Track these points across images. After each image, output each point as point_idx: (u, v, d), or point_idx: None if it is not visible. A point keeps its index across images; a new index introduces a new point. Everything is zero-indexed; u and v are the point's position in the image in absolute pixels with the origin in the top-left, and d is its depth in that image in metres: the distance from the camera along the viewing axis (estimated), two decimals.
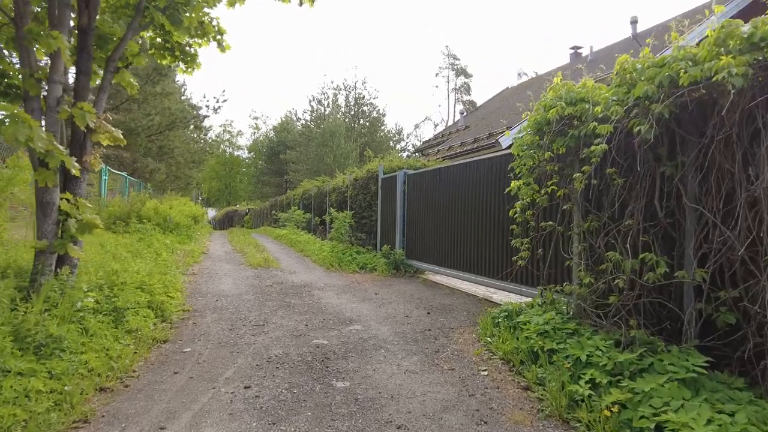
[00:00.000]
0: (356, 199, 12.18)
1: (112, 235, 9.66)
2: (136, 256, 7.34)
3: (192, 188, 30.46)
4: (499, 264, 6.39)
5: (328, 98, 37.08)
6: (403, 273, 9.12)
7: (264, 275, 8.79)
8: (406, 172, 9.60)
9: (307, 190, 19.20)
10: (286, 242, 15.44)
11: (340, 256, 10.23)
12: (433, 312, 6.03)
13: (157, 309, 5.22)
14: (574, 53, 22.64)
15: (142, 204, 12.16)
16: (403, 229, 9.57)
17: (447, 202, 7.92)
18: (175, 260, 8.84)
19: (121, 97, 10.15)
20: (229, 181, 63.11)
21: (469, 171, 7.26)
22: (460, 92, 61.20)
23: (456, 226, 7.60)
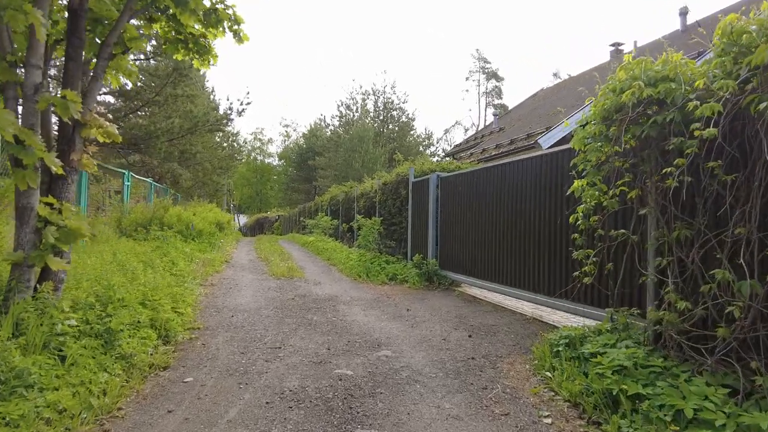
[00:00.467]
0: (385, 205, 11.47)
1: (131, 242, 9.27)
2: (148, 267, 6.82)
3: (221, 194, 30.49)
4: (552, 279, 5.51)
5: (356, 103, 36.71)
6: (436, 285, 8.31)
7: (287, 287, 8.15)
8: (439, 175, 8.82)
9: (335, 196, 18.65)
10: (313, 250, 14.87)
11: (368, 265, 9.52)
12: (476, 334, 5.21)
13: (160, 328, 4.61)
14: (615, 50, 21.37)
15: (165, 210, 11.81)
16: (436, 237, 8.78)
17: (487, 208, 7.09)
18: (193, 270, 8.32)
19: (141, 99, 9.83)
20: (260, 188, 63.92)
21: (512, 172, 6.42)
22: (491, 96, 60.00)
23: (498, 235, 6.76)
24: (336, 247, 13.34)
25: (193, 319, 5.54)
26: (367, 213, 12.88)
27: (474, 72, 59.15)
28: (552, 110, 16.56)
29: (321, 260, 12.43)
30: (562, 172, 5.20)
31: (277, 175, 61.20)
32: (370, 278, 8.93)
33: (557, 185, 5.31)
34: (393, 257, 10.13)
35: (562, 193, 5.20)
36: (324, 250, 13.40)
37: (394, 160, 14.40)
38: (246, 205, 66.57)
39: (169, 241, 9.76)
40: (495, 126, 21.46)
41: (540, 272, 5.74)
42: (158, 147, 9.15)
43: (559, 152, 5.30)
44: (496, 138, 18.39)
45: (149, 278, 5.95)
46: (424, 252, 8.97)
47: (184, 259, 8.95)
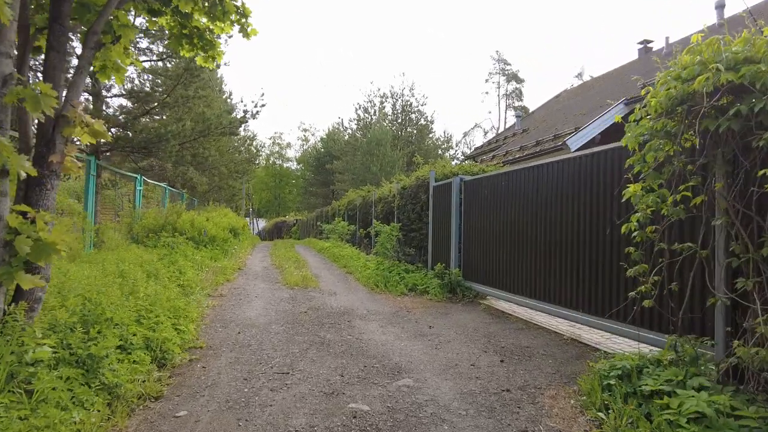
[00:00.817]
0: (404, 210, 10.92)
1: (141, 250, 8.93)
2: (151, 277, 6.41)
3: (238, 199, 30.38)
4: (594, 295, 4.88)
5: (374, 106, 36.29)
6: (460, 297, 7.71)
7: (300, 297, 7.67)
8: (462, 178, 8.23)
9: (352, 201, 18.19)
10: (329, 256, 14.40)
11: (386, 274, 8.98)
12: (508, 358, 4.61)
13: (156, 350, 4.15)
14: (644, 48, 20.45)
15: (178, 216, 11.49)
16: (459, 245, 8.18)
17: (518, 214, 6.49)
18: (202, 280, 7.91)
19: (152, 100, 9.52)
20: (279, 192, 64.14)
21: (549, 174, 5.80)
22: (512, 98, 58.99)
23: (530, 244, 6.14)
24: (353, 254, 12.84)
25: (196, 336, 5.07)
26: (385, 218, 12.36)
27: (494, 74, 58.24)
28: (579, 110, 15.80)
29: (337, 268, 11.94)
30: (611, 175, 4.58)
31: (296, 179, 61.31)
32: (388, 289, 8.39)
33: (604, 189, 4.69)
34: (412, 266, 9.57)
35: (609, 199, 4.58)
36: (340, 257, 12.92)
37: (414, 163, 13.84)
38: (265, 209, 66.93)
39: (180, 248, 9.39)
40: (518, 127, 20.72)
41: (580, 287, 5.11)
42: (168, 150, 8.82)
43: (607, 151, 4.67)
44: (520, 140, 17.67)
45: (151, 290, 5.52)
46: (446, 261, 8.39)
47: (193, 267, 8.56)
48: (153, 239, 9.91)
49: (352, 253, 13.04)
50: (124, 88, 9.69)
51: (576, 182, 5.20)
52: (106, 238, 8.94)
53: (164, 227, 11.01)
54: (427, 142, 35.55)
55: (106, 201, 12.73)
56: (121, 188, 14.48)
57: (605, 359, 3.87)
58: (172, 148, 8.94)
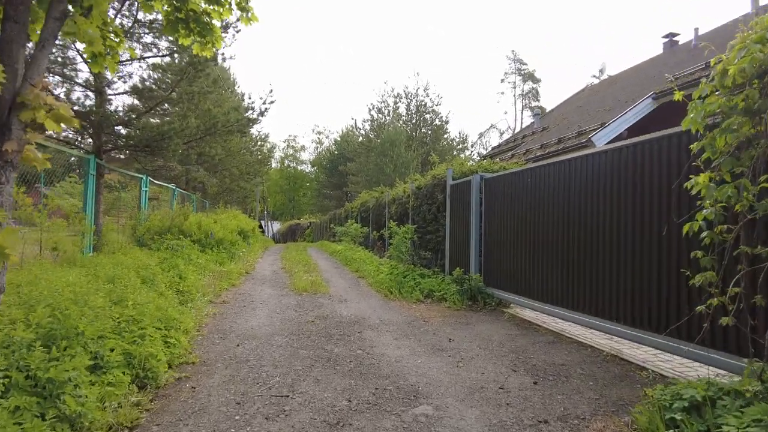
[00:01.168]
0: (419, 211, 10.33)
1: (143, 252, 8.52)
2: (147, 283, 5.95)
3: (251, 201, 30.10)
4: (639, 305, 4.23)
5: (388, 106, 35.76)
6: (481, 305, 7.09)
7: (308, 304, 7.13)
8: (483, 176, 7.62)
9: (365, 202, 17.66)
10: (341, 260, 13.87)
11: (400, 279, 8.39)
12: (542, 379, 3.99)
13: (139, 367, 3.64)
14: (669, 42, 19.51)
15: (185, 218, 11.08)
16: (479, 248, 7.57)
17: (545, 213, 5.85)
18: (205, 285, 7.43)
19: (156, 97, 9.12)
20: (293, 195, 64.16)
21: (585, 168, 5.17)
22: (528, 98, 58.02)
23: (560, 247, 5.51)
24: (365, 258, 12.29)
25: (189, 350, 4.56)
26: (400, 220, 11.78)
27: (509, 74, 57.37)
28: (603, 106, 15.04)
29: (349, 272, 11.39)
30: (666, 166, 3.93)
31: (310, 182, 61.25)
32: (402, 295, 7.80)
33: (658, 183, 4.04)
34: (428, 270, 8.97)
35: (662, 194, 3.94)
36: (352, 260, 12.37)
37: (429, 162, 13.26)
38: (279, 211, 67.03)
39: (184, 251, 8.95)
40: (537, 126, 19.97)
41: (621, 297, 4.47)
42: (172, 149, 8.40)
43: (659, 138, 4.02)
44: (540, 138, 16.95)
45: (142, 298, 5.04)
46: (465, 265, 7.77)
47: (197, 271, 8.09)
48: (158, 242, 9.50)
49: (365, 257, 12.49)
50: (128, 84, 9.28)
51: (617, 176, 4.56)
52: (107, 241, 8.55)
53: (170, 229, 10.62)
54: (442, 143, 34.87)
55: (112, 202, 12.43)
56: (131, 190, 14.20)
57: (662, 384, 3.24)
58: (175, 146, 8.52)
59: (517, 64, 57.11)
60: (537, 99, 57.89)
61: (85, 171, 7.96)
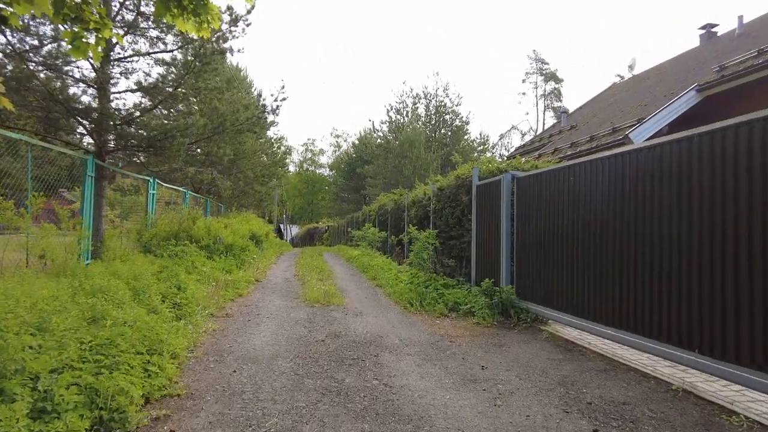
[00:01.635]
0: (441, 214, 9.55)
1: (147, 259, 7.96)
2: (139, 295, 5.32)
3: (267, 204, 29.69)
4: (741, 335, 3.38)
5: (407, 107, 34.96)
6: (514, 321, 6.26)
7: (319, 319, 6.41)
8: (515, 175, 6.81)
9: (383, 205, 16.93)
10: (357, 266, 13.14)
11: (421, 290, 7.62)
12: (603, 425, 3.16)
13: (103, 408, 2.96)
14: (707, 33, 18.31)
15: (193, 222, 10.53)
16: (511, 256, 6.75)
17: (591, 217, 5.02)
18: (206, 296, 6.78)
19: (160, 93, 8.56)
20: (311, 198, 63.96)
21: (641, 164, 4.34)
22: (550, 98, 56.63)
23: (614, 258, 4.67)
24: (384, 264, 11.53)
25: (174, 379, 3.87)
26: (420, 224, 11.00)
27: (531, 73, 56.07)
28: (638, 102, 14.01)
29: (365, 280, 10.65)
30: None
31: (328, 185, 61.00)
32: (424, 308, 7.02)
33: (758, 179, 3.19)
34: (452, 280, 8.16)
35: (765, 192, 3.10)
36: (370, 267, 11.63)
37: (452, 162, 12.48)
38: (298, 215, 66.98)
39: (188, 258, 8.36)
40: (564, 124, 18.95)
41: (701, 320, 3.62)
42: (174, 148, 7.83)
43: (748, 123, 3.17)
44: (569, 136, 15.97)
45: (127, 314, 4.40)
46: (494, 275, 6.95)
47: (200, 280, 7.47)
48: (163, 248, 8.94)
49: (383, 263, 11.73)
50: (132, 80, 8.75)
51: (686, 174, 3.72)
52: (109, 247, 8.01)
53: (177, 235, 10.08)
54: (462, 144, 33.92)
55: (131, 207, 11.97)
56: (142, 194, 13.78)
57: None
58: (179, 146, 7.94)
59: (538, 64, 55.82)
60: (560, 99, 56.44)
61: (83, 172, 7.42)
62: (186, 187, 14.01)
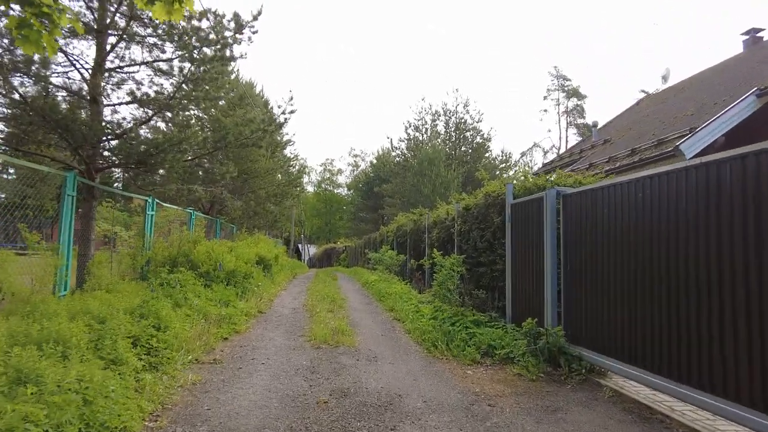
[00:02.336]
0: (468, 237, 8.41)
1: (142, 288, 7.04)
2: (101, 340, 4.31)
3: (280, 225, 28.88)
4: None
5: (426, 124, 34.04)
6: (565, 372, 5.03)
7: (324, 367, 5.30)
8: (561, 191, 5.67)
9: (402, 226, 15.85)
10: (374, 293, 11.99)
11: (447, 327, 6.45)
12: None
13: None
14: (751, 39, 16.96)
15: (194, 245, 9.61)
16: (556, 288, 5.56)
17: (676, 242, 3.84)
18: (193, 336, 5.75)
19: (156, 104, 7.75)
20: (329, 218, 63.41)
21: (749, 176, 3.18)
22: (573, 115, 55.28)
23: (712, 294, 3.47)
24: (402, 292, 10.37)
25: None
26: (442, 247, 9.86)
27: (552, 90, 54.92)
28: (683, 112, 12.73)
29: (382, 311, 9.49)
30: None
31: (346, 205, 60.42)
32: (452, 351, 5.85)
33: None
34: (483, 315, 6.95)
35: None
36: (387, 295, 10.47)
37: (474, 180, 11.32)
38: (316, 235, 66.48)
39: (178, 289, 7.38)
40: (595, 139, 17.68)
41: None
42: (169, 163, 6.97)
43: None
44: (603, 151, 14.72)
45: (72, 372, 3.39)
46: (537, 312, 5.76)
47: (189, 316, 6.46)
48: (156, 275, 8.00)
49: (402, 291, 10.58)
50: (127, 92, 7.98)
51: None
52: (96, 276, 7.11)
53: (176, 259, 9.16)
54: (483, 162, 32.74)
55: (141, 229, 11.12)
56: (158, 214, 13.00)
57: None
58: (173, 161, 7.08)
59: (560, 80, 54.70)
60: (582, 116, 55.04)
61: (62, 191, 6.57)
62: (193, 208, 13.19)
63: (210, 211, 16.45)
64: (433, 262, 9.97)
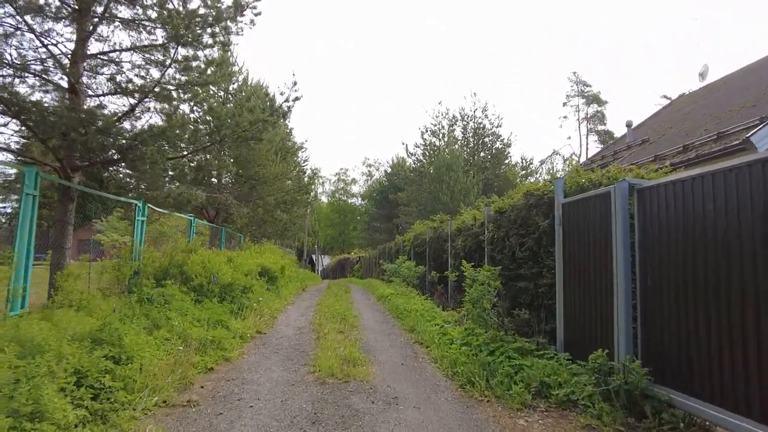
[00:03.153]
0: (503, 245, 7.14)
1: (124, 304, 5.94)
2: (31, 380, 3.17)
3: (291, 234, 27.78)
4: None
5: (443, 128, 32.74)
6: (653, 425, 3.71)
7: (329, 412, 4.07)
8: (636, 184, 4.41)
9: (420, 234, 14.60)
10: (390, 310, 10.72)
11: (484, 357, 5.17)
12: None
13: None
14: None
15: (188, 255, 8.51)
16: (630, 310, 4.27)
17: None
18: (167, 366, 4.58)
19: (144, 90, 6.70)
20: (343, 228, 62.50)
21: None
22: (593, 122, 53.58)
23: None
24: (423, 309, 9.08)
25: None
26: (469, 257, 8.58)
27: (572, 96, 53.35)
28: (741, 104, 11.33)
29: (401, 332, 8.22)
30: None
31: (360, 215, 59.50)
32: (494, 391, 4.56)
33: None
34: (529, 341, 5.61)
35: None
36: (406, 312, 9.20)
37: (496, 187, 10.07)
38: (330, 246, 65.62)
39: (156, 305, 6.25)
40: (630, 139, 16.27)
41: None
42: (151, 158, 5.91)
43: None
44: (643, 151, 13.34)
45: None
46: (602, 339, 4.46)
47: (169, 340, 5.31)
48: (140, 290, 6.90)
49: (423, 307, 9.29)
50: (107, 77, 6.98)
51: None
52: (65, 290, 6.03)
53: (168, 270, 8.07)
54: (503, 169, 31.28)
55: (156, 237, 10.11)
56: (153, 222, 12.01)
57: None
58: (156, 156, 6.02)
59: (580, 86, 53.14)
60: (603, 123, 53.32)
61: (21, 191, 5.52)
62: (194, 215, 12.15)
63: (215, 219, 15.42)
64: (460, 275, 8.71)
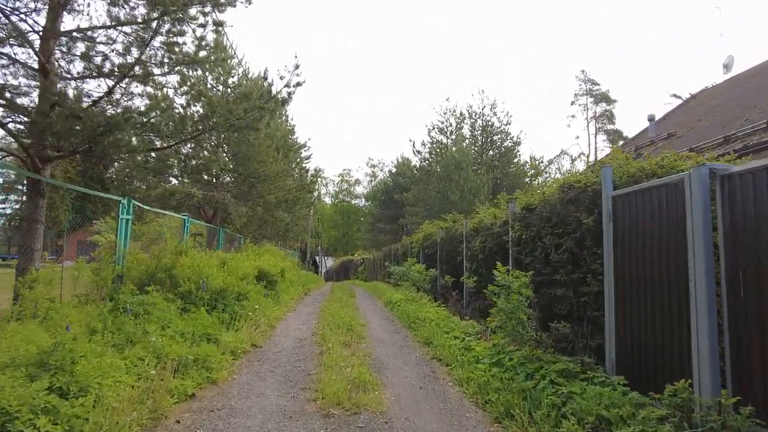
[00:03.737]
0: (533, 246, 6.24)
1: (74, 315, 5.09)
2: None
3: (293, 235, 26.90)
4: None
5: (450, 126, 31.81)
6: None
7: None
8: (719, 169, 3.51)
9: (430, 235, 13.70)
10: (400, 318, 9.82)
11: (523, 382, 4.28)
12: None
13: None
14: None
15: (177, 257, 7.65)
16: (715, 327, 3.36)
17: None
18: (138, 395, 3.71)
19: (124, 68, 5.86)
20: (347, 230, 61.80)
21: None
22: (601, 121, 52.49)
23: None
24: (439, 318, 8.16)
25: None
26: (488, 260, 7.69)
27: (580, 95, 52.26)
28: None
29: (415, 345, 7.30)
30: None
31: (364, 216, 58.77)
32: (537, 426, 3.67)
33: None
34: (572, 361, 4.70)
35: None
36: (419, 321, 8.29)
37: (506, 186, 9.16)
38: (333, 247, 64.97)
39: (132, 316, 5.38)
40: (652, 134, 15.32)
41: None
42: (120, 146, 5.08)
43: None
44: (669, 146, 12.40)
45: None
46: (678, 366, 3.56)
47: (143, 360, 4.44)
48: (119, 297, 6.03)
49: (437, 316, 8.38)
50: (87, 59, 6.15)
51: None
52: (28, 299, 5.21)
53: (154, 275, 7.22)
54: (512, 168, 30.33)
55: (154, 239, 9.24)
56: (148, 221, 11.17)
57: None
58: (128, 144, 5.19)
59: (588, 85, 52.05)
60: (612, 122, 52.23)
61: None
62: (188, 214, 11.30)
63: (213, 219, 14.59)
64: (479, 280, 7.87)
